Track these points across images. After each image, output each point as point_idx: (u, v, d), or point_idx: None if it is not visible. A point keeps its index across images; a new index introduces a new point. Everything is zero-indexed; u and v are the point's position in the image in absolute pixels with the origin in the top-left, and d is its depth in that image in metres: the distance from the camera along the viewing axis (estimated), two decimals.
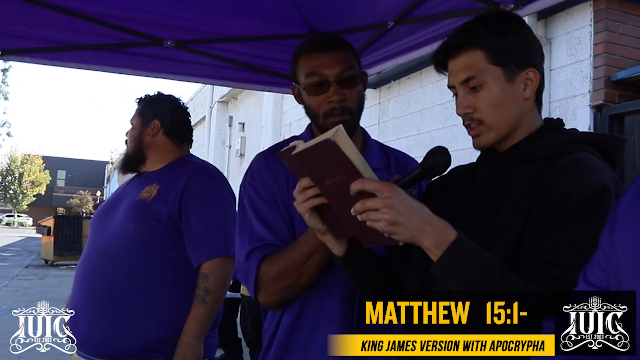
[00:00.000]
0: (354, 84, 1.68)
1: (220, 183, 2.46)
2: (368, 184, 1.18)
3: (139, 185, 2.47)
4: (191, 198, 2.35)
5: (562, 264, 1.16)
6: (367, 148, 1.78)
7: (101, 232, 2.41)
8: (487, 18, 1.39)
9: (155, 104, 2.59)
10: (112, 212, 2.44)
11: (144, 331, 2.26)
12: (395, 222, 1.17)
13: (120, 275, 2.29)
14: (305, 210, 1.37)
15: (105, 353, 2.27)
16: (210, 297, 2.29)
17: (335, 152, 1.18)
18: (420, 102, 6.44)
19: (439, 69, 1.44)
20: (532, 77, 1.36)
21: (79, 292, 2.37)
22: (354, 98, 1.68)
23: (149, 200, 2.36)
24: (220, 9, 2.86)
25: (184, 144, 2.61)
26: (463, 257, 1.17)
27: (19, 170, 55.35)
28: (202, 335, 2.30)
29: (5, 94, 28.33)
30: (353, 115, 1.68)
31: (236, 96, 13.45)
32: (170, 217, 2.33)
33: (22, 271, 16.82)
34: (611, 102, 4.41)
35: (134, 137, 2.56)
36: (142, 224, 2.32)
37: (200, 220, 2.34)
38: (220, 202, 2.40)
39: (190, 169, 2.45)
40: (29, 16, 2.74)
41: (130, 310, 2.27)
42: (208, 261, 2.31)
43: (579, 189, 1.21)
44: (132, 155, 2.55)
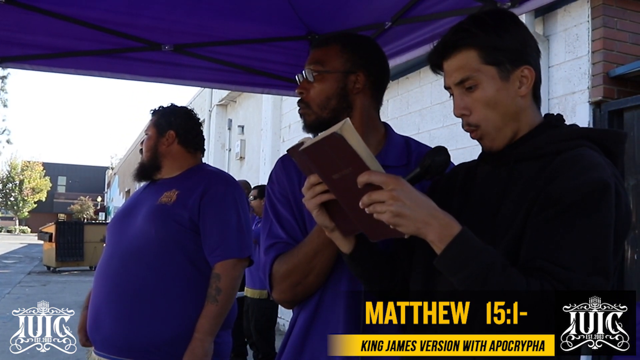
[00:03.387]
0: (318, 79, 1.72)
1: (235, 190, 2.60)
2: (374, 177, 1.19)
3: (157, 191, 2.59)
4: (209, 202, 2.49)
5: (563, 262, 1.16)
6: (387, 144, 1.77)
7: (122, 236, 2.51)
8: (480, 17, 1.38)
9: (169, 115, 2.70)
10: (131, 217, 2.55)
11: (166, 328, 2.37)
12: (400, 214, 1.17)
13: (145, 275, 2.40)
14: (313, 207, 1.38)
15: (130, 351, 2.36)
16: (221, 296, 2.41)
17: (342, 145, 1.19)
18: (419, 101, 6.44)
19: (435, 70, 1.44)
20: (528, 75, 1.36)
21: (102, 293, 2.45)
22: (314, 92, 1.72)
23: (170, 205, 2.49)
24: (218, 12, 2.86)
25: (197, 152, 2.73)
26: (466, 251, 1.17)
27: (20, 177, 55.35)
28: (212, 332, 2.40)
29: (5, 101, 28.38)
30: (310, 108, 1.72)
31: (235, 99, 13.44)
32: (190, 219, 2.46)
33: (25, 278, 16.82)
34: (610, 98, 4.40)
35: (149, 146, 2.68)
36: (163, 227, 2.44)
37: (216, 223, 2.47)
38: (235, 208, 2.53)
39: (208, 176, 2.59)
40: (27, 23, 2.75)
41: (154, 308, 2.38)
42: (221, 262, 2.44)
43: (579, 185, 1.20)
44: (148, 164, 2.67)
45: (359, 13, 2.79)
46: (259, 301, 6.02)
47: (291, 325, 1.73)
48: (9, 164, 55.32)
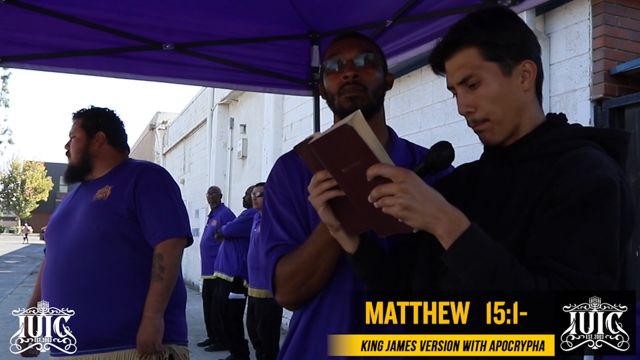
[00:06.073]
0: (370, 65, 1.71)
1: (166, 176, 2.77)
2: (384, 169, 1.18)
3: (89, 191, 2.67)
4: (144, 190, 2.62)
5: (571, 260, 1.15)
6: (392, 146, 1.79)
7: (64, 237, 2.59)
8: (478, 15, 1.39)
9: (97, 116, 2.79)
10: (69, 219, 2.63)
11: (122, 314, 2.49)
12: (409, 207, 1.16)
13: (93, 269, 2.50)
14: (319, 204, 1.37)
15: (91, 344, 2.43)
16: (165, 274, 2.55)
17: (352, 137, 1.18)
18: (421, 99, 6.43)
19: (436, 71, 1.44)
20: (530, 69, 1.35)
21: (53, 294, 2.51)
22: (370, 76, 1.70)
23: (106, 199, 2.59)
24: (219, 11, 2.86)
25: (125, 150, 2.85)
26: (474, 246, 1.16)
27: (22, 177, 55.45)
28: (160, 309, 2.53)
29: (6, 101, 28.32)
30: (367, 93, 1.68)
31: (237, 98, 13.43)
32: (128, 209, 2.58)
33: (27, 278, 16.85)
34: (611, 95, 4.39)
35: (79, 148, 2.74)
36: (104, 221, 2.55)
37: (153, 208, 2.60)
38: (168, 192, 2.68)
39: (138, 167, 2.72)
40: (28, 23, 2.75)
41: (107, 299, 2.47)
42: (161, 242, 2.58)
43: (584, 184, 1.20)
44: (78, 165, 2.74)
45: (360, 11, 2.79)
46: (265, 300, 6.01)
47: (292, 327, 1.73)
48: (10, 164, 55.42)
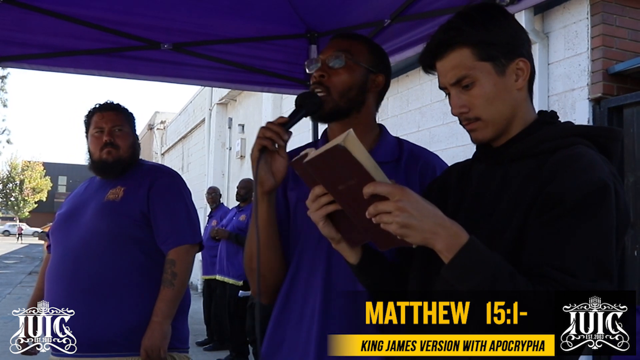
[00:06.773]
0: (347, 66, 1.73)
1: (180, 181, 2.74)
2: (380, 188, 1.17)
3: (100, 190, 2.64)
4: (158, 194, 2.59)
5: (569, 268, 1.14)
6: (380, 142, 1.81)
7: (72, 236, 2.55)
8: (469, 13, 1.36)
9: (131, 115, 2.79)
10: (78, 217, 2.60)
11: (127, 319, 2.45)
12: (407, 225, 1.15)
13: (100, 270, 2.46)
14: (319, 219, 1.36)
15: (93, 346, 2.40)
16: (177, 280, 2.52)
17: (346, 157, 1.17)
18: (419, 99, 6.43)
19: (427, 71, 1.42)
20: (523, 67, 1.34)
21: (58, 294, 2.48)
22: (337, 77, 1.72)
23: (118, 201, 2.57)
24: (217, 10, 2.86)
25: None
26: (473, 260, 1.15)
27: (20, 177, 55.33)
28: (170, 315, 2.51)
29: (4, 101, 28.32)
30: (330, 95, 1.71)
31: (235, 98, 13.43)
32: (141, 212, 2.56)
33: (26, 278, 16.83)
34: (610, 94, 4.40)
35: (131, 143, 2.73)
36: (114, 222, 2.52)
37: (167, 213, 2.58)
38: (182, 197, 2.67)
39: (153, 170, 2.71)
40: (26, 22, 2.75)
41: (112, 302, 2.44)
42: (175, 248, 2.55)
43: (578, 187, 1.19)
44: (129, 160, 2.69)
45: (358, 11, 2.79)
46: None
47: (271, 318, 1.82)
48: (9, 164, 55.29)
